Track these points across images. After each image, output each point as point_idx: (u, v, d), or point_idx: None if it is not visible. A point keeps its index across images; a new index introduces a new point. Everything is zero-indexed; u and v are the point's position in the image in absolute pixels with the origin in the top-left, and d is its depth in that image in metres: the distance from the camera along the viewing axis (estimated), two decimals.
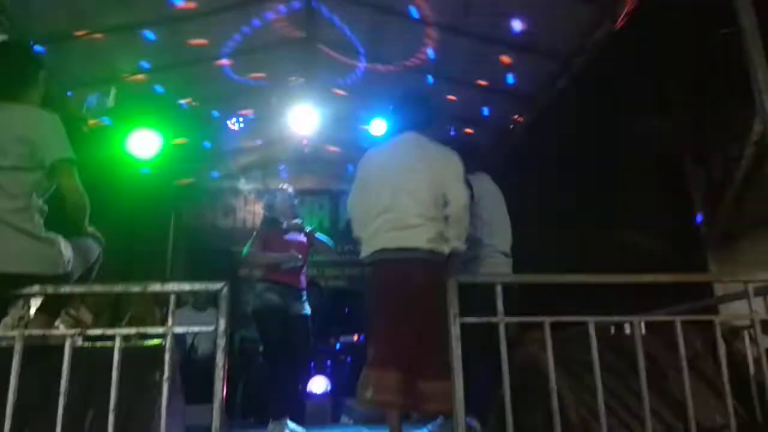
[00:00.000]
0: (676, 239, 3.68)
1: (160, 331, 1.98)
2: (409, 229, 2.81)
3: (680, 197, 3.72)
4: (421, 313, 2.65)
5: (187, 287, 2.21)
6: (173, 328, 1.91)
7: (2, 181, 2.14)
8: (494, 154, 6.41)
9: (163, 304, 5.34)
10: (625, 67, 4.10)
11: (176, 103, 5.63)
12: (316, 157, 7.62)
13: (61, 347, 1.82)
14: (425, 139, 3.06)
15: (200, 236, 7.87)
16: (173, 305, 1.96)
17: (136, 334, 2.12)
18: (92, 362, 1.95)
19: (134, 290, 2.01)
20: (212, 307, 5.52)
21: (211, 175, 7.87)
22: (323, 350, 5.80)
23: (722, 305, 2.93)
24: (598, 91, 4.42)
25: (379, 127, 5.83)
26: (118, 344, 1.84)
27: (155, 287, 2.00)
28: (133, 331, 2.07)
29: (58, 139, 2.25)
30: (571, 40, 4.64)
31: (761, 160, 3.17)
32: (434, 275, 2.21)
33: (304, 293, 4.11)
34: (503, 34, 4.72)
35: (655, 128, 3.90)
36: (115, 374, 1.80)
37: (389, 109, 3.41)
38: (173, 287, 2.04)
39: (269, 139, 7.21)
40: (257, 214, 7.73)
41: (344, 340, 5.95)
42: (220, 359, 1.85)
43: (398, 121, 3.17)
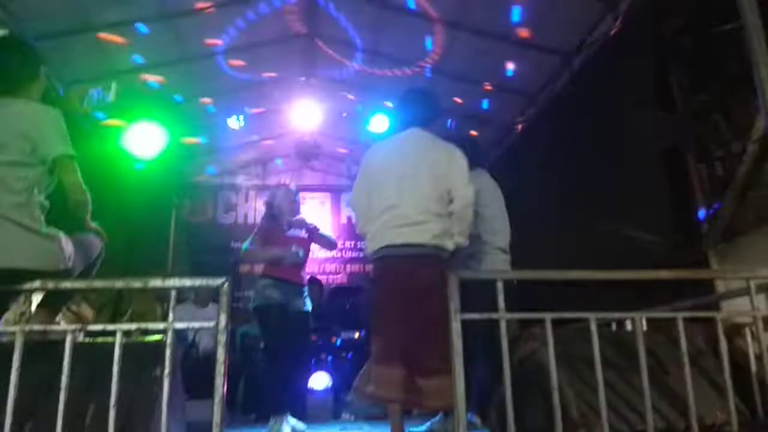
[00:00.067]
0: (677, 236, 3.67)
1: (160, 326, 1.98)
2: (414, 225, 2.81)
3: (682, 194, 3.71)
4: (425, 308, 2.64)
5: (188, 283, 2.21)
6: (174, 323, 1.91)
7: (3, 176, 2.13)
8: (495, 150, 6.42)
9: (164, 300, 5.34)
10: (627, 63, 4.08)
11: (177, 99, 5.63)
12: (317, 153, 7.62)
13: (62, 343, 1.82)
14: (429, 135, 3.05)
15: (201, 232, 7.88)
16: (174, 301, 1.96)
17: (137, 329, 2.12)
18: (93, 358, 1.95)
19: (135, 286, 2.01)
20: (213, 303, 5.53)
21: (211, 171, 7.87)
22: (324, 346, 5.80)
23: (724, 302, 2.93)
24: (599, 87, 4.40)
25: (379, 123, 5.82)
26: (118, 340, 1.84)
27: (156, 283, 2.00)
28: (134, 326, 2.07)
29: (59, 134, 2.24)
30: (572, 36, 4.64)
31: (764, 156, 3.16)
32: (439, 271, 2.20)
33: (305, 289, 4.11)
34: (505, 30, 4.72)
35: (657, 125, 3.89)
36: (116, 370, 1.80)
37: (393, 104, 3.39)
38: (174, 283, 2.03)
39: (270, 135, 7.21)
40: (258, 210, 7.73)
41: (345, 336, 5.94)
42: (220, 355, 1.85)
43: (402, 116, 3.15)
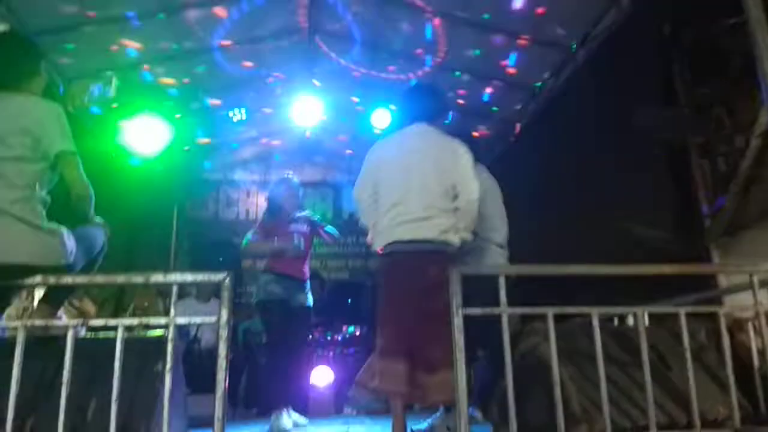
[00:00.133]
0: (680, 231, 3.66)
1: (162, 321, 1.98)
2: (421, 221, 2.81)
3: (685, 189, 3.70)
4: (432, 303, 2.64)
5: (189, 278, 2.21)
6: (176, 319, 1.91)
7: (5, 171, 2.13)
8: (496, 145, 6.40)
9: (166, 295, 5.35)
10: (629, 57, 4.06)
11: (175, 94, 5.62)
12: (318, 148, 7.61)
13: (63, 338, 1.83)
14: (435, 130, 3.04)
15: (203, 228, 7.88)
16: (175, 296, 1.96)
17: (139, 324, 2.12)
18: (95, 353, 1.95)
19: (137, 281, 2.00)
20: (215, 298, 5.54)
21: (213, 166, 7.87)
22: (326, 342, 5.81)
23: (726, 297, 2.92)
24: (602, 81, 4.39)
25: (381, 118, 5.80)
26: (120, 335, 1.84)
27: (158, 278, 2.00)
28: (135, 321, 2.08)
29: (60, 130, 2.24)
30: (576, 29, 4.62)
31: (767, 151, 3.15)
32: (446, 266, 2.21)
33: (307, 285, 4.11)
34: (508, 23, 4.70)
35: (659, 119, 3.87)
36: (117, 365, 1.80)
37: (398, 99, 3.38)
38: (176, 278, 2.04)
39: (271, 130, 7.20)
40: (260, 205, 7.73)
41: (347, 331, 5.96)
42: (222, 350, 1.85)
43: (408, 111, 3.14)
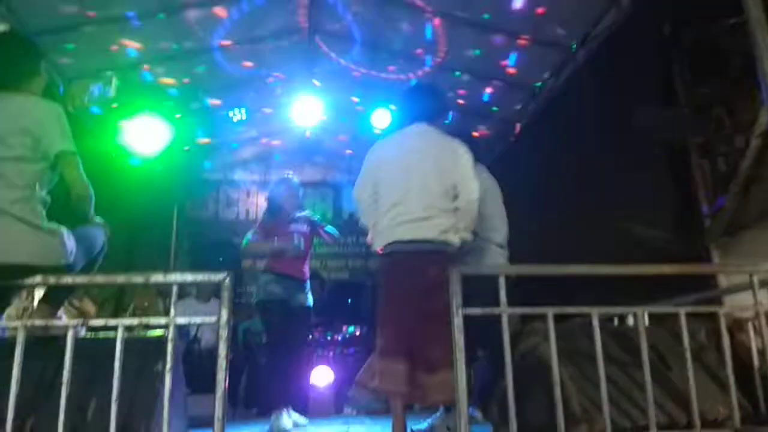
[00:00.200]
0: (680, 231, 3.66)
1: (162, 321, 1.98)
2: (421, 221, 2.81)
3: (685, 189, 3.70)
4: (432, 303, 2.64)
5: (189, 278, 2.21)
6: (175, 319, 1.91)
7: (4, 171, 2.13)
8: (496, 144, 6.40)
9: (166, 295, 5.35)
10: (629, 57, 4.06)
11: (179, 95, 5.62)
12: (318, 148, 7.61)
13: (63, 338, 1.82)
14: (435, 130, 3.04)
15: (203, 228, 7.88)
16: (175, 296, 1.96)
17: (138, 324, 2.12)
18: (95, 353, 1.95)
19: (137, 281, 2.00)
20: (215, 298, 5.53)
21: (213, 166, 7.86)
22: (326, 342, 5.81)
23: (726, 297, 2.92)
24: (602, 81, 4.38)
25: (381, 118, 5.79)
26: (120, 335, 1.84)
27: (157, 278, 2.00)
28: (135, 321, 2.08)
29: (60, 130, 2.24)
30: (576, 29, 4.61)
31: (767, 151, 3.15)
32: (446, 266, 2.21)
33: (307, 284, 4.11)
34: (508, 23, 4.70)
35: (659, 119, 3.87)
36: (117, 365, 1.80)
37: (399, 99, 3.38)
38: (176, 278, 2.03)
39: (271, 130, 7.20)
40: (260, 205, 7.73)
41: (347, 331, 5.96)
42: (222, 350, 1.85)
43: (408, 111, 3.14)
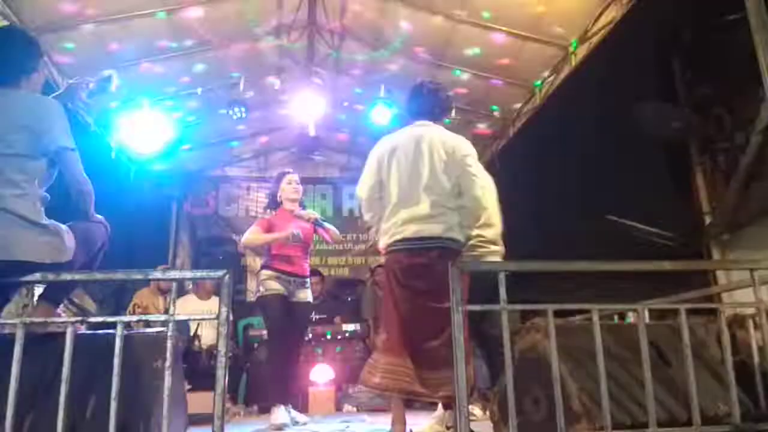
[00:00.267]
0: (680, 228, 3.66)
1: (161, 319, 1.97)
2: (427, 218, 2.81)
3: (685, 186, 3.70)
4: (438, 301, 2.64)
5: (189, 275, 2.21)
6: (175, 316, 1.91)
7: (4, 168, 2.12)
8: (495, 142, 6.40)
9: (166, 293, 5.35)
10: (629, 55, 4.06)
11: (176, 92, 5.61)
12: (318, 145, 7.59)
13: (63, 335, 1.82)
14: (439, 127, 3.06)
15: (202, 225, 7.88)
16: (175, 293, 1.96)
17: (138, 321, 2.12)
18: (94, 350, 1.95)
19: (136, 278, 2.00)
20: (215, 295, 5.53)
21: (212, 164, 7.85)
22: (326, 339, 5.81)
23: (727, 293, 2.92)
24: (602, 79, 4.38)
25: (381, 115, 5.77)
26: (119, 332, 1.84)
27: (157, 275, 1.99)
28: (134, 318, 2.07)
29: (60, 126, 2.23)
30: (576, 27, 4.60)
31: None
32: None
33: (307, 281, 4.12)
34: (508, 21, 4.69)
35: (660, 117, 3.87)
36: (116, 362, 1.79)
37: (403, 98, 3.38)
38: (175, 275, 2.03)
39: (271, 127, 7.19)
40: (259, 202, 7.72)
41: (347, 328, 5.95)
42: (222, 347, 1.85)
43: (412, 109, 3.15)
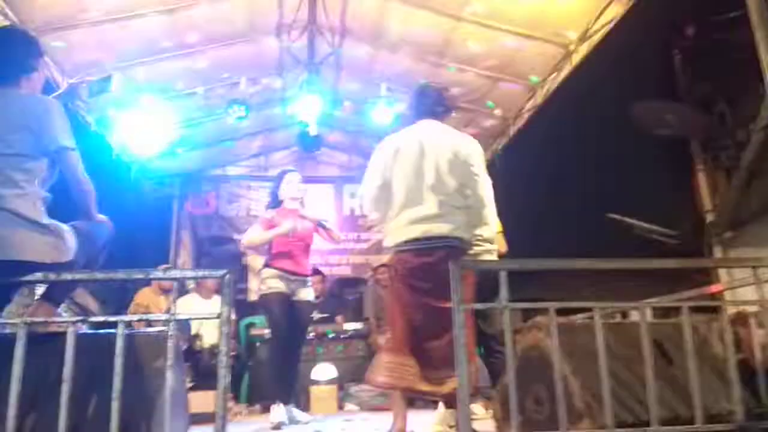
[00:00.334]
0: (682, 226, 3.65)
1: (163, 318, 1.97)
2: (434, 218, 2.81)
3: (687, 183, 3.69)
4: (443, 300, 2.64)
5: (190, 275, 2.21)
6: (176, 315, 1.91)
7: (4, 168, 2.12)
8: (497, 140, 6.38)
9: (167, 292, 5.35)
10: (631, 53, 4.05)
11: (177, 91, 5.61)
12: (319, 144, 7.58)
13: (64, 335, 1.82)
14: (445, 126, 3.06)
15: (204, 224, 7.88)
16: (176, 293, 1.95)
17: (139, 321, 2.12)
18: (96, 350, 1.95)
19: (137, 277, 2.00)
20: (217, 294, 5.53)
21: (213, 163, 7.85)
22: (328, 338, 5.82)
23: (729, 291, 2.91)
24: (604, 77, 4.37)
25: (383, 114, 5.77)
26: (121, 332, 1.84)
27: (158, 275, 1.99)
28: (136, 318, 2.07)
29: (60, 126, 2.23)
30: (576, 25, 4.59)
31: None
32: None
33: (309, 280, 4.12)
34: (508, 20, 4.68)
35: (661, 114, 3.86)
36: (118, 361, 1.79)
37: (408, 98, 3.38)
38: (176, 275, 2.03)
39: (272, 126, 7.19)
40: (261, 201, 7.72)
41: (349, 327, 5.96)
42: (223, 346, 1.84)
43: (417, 109, 3.15)
